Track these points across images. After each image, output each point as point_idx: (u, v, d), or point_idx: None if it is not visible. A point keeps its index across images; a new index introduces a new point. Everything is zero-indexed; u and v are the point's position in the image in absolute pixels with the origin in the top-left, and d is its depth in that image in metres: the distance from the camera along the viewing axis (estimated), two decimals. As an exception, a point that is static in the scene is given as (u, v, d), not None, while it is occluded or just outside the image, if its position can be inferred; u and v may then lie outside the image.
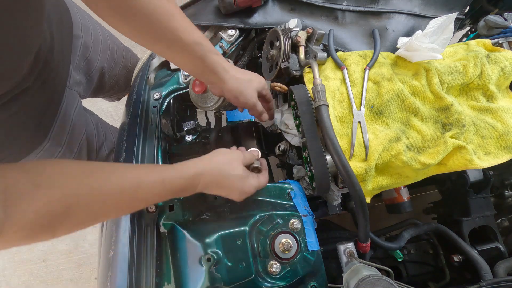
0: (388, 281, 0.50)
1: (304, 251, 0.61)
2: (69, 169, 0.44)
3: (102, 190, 0.45)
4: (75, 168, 0.45)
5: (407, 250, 0.85)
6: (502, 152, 0.68)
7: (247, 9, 0.82)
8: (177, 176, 0.53)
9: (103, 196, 0.45)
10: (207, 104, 0.77)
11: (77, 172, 0.44)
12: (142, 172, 0.50)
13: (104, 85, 0.98)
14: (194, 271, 0.58)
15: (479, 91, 0.75)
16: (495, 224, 0.82)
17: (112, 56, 0.95)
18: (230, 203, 0.66)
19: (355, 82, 0.71)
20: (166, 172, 0.52)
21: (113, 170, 0.48)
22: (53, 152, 0.75)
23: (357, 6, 0.84)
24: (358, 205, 0.59)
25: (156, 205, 0.63)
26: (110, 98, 1.17)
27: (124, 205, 0.49)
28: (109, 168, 0.48)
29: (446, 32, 0.70)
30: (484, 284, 0.64)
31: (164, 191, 0.51)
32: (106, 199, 0.45)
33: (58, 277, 1.63)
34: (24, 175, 0.40)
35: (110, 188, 0.46)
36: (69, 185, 0.43)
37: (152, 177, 0.50)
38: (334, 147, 0.58)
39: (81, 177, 0.44)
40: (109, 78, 0.98)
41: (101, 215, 0.48)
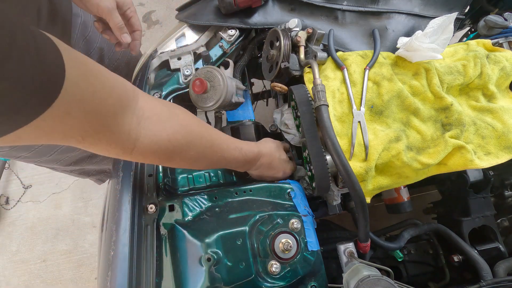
0: (388, 281, 0.50)
1: (304, 251, 0.61)
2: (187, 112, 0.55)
3: (211, 137, 0.56)
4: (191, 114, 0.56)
5: (407, 250, 0.85)
6: (502, 152, 0.68)
7: (247, 9, 0.82)
8: (248, 149, 0.64)
9: (211, 142, 0.56)
10: (207, 104, 0.77)
11: (192, 117, 0.55)
12: (229, 137, 0.62)
13: None
14: (194, 271, 0.57)
15: (479, 91, 0.75)
16: (495, 224, 0.82)
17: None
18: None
19: (355, 82, 0.71)
20: (242, 144, 0.64)
21: (211, 127, 0.59)
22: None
23: (357, 6, 0.84)
24: (358, 205, 0.59)
25: (156, 205, 0.63)
26: None
27: (216, 156, 0.58)
28: (207, 124, 0.59)
29: (446, 32, 0.70)
30: (484, 284, 0.64)
31: (240, 157, 0.62)
32: (212, 145, 0.56)
33: (58, 277, 1.63)
34: (156, 101, 0.50)
35: (215, 138, 0.57)
36: (195, 124, 0.54)
37: (235, 144, 0.62)
38: (334, 147, 0.58)
39: (201, 123, 0.56)
40: (109, 62, 0.97)
41: (203, 158, 0.57)
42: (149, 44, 2.10)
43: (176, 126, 0.50)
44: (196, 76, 0.76)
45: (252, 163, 0.66)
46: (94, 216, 1.74)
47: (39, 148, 0.77)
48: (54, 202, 1.79)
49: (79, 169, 1.06)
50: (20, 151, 0.75)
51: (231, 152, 0.60)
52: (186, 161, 0.55)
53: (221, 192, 0.67)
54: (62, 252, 1.68)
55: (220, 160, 0.60)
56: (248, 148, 0.64)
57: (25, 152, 0.77)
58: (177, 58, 0.82)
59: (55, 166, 0.95)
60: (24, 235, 1.74)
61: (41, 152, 0.79)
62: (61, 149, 0.82)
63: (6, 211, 1.79)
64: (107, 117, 0.39)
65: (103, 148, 0.42)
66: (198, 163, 0.59)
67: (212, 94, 0.75)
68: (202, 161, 0.58)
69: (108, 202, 0.67)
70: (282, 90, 0.74)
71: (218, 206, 0.66)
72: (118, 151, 0.44)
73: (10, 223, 1.77)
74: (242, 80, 0.88)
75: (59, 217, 1.75)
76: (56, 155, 0.84)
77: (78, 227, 1.72)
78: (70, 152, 0.86)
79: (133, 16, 0.73)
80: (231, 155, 0.61)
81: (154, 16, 2.26)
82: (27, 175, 1.85)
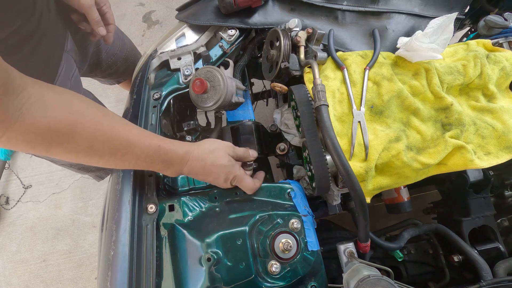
0: (388, 281, 0.50)
1: (304, 251, 0.61)
2: (89, 102, 0.50)
3: (108, 131, 0.50)
4: (93, 105, 0.50)
5: (407, 250, 0.85)
6: (502, 152, 0.68)
7: (247, 9, 0.82)
8: (171, 148, 0.57)
9: (106, 137, 0.49)
10: (207, 104, 0.77)
11: (93, 107, 0.50)
12: (145, 132, 0.55)
13: (101, 63, 0.99)
14: (194, 271, 0.58)
15: (479, 91, 0.75)
16: (495, 224, 0.82)
17: None
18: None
19: (355, 82, 0.71)
20: (163, 141, 0.57)
21: (123, 121, 0.53)
22: None
23: (357, 6, 0.84)
24: (358, 205, 0.59)
25: (156, 205, 0.63)
26: (109, 80, 1.18)
27: (118, 154, 0.52)
28: (119, 118, 0.53)
29: (446, 32, 0.70)
30: (484, 284, 0.64)
31: (156, 156, 0.55)
32: (108, 140, 0.50)
33: (58, 277, 1.63)
34: (48, 89, 0.46)
35: (115, 132, 0.51)
36: (92, 115, 0.48)
37: (151, 139, 0.55)
38: (334, 147, 0.58)
39: (105, 116, 0.50)
40: (107, 57, 0.99)
41: (95, 153, 0.50)
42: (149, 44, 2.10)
43: (63, 114, 0.46)
44: (196, 76, 0.76)
45: (175, 165, 0.59)
46: (94, 216, 1.74)
47: None
48: (54, 202, 1.79)
49: (78, 164, 1.07)
50: None
51: (142, 150, 0.53)
52: (72, 154, 0.49)
53: (221, 192, 0.68)
54: (62, 252, 1.68)
55: (126, 159, 0.53)
56: (169, 147, 0.57)
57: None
58: (177, 58, 0.82)
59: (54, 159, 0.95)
60: (24, 235, 1.74)
61: None
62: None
63: (6, 211, 1.79)
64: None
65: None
66: (90, 158, 0.51)
67: (212, 94, 0.75)
68: (98, 156, 0.51)
69: (108, 202, 0.67)
70: (282, 90, 0.74)
71: (218, 206, 0.66)
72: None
73: (10, 223, 1.77)
74: (242, 80, 0.88)
75: (59, 217, 1.75)
76: None
77: (78, 227, 1.72)
78: None
79: (108, 11, 0.77)
80: (142, 153, 0.54)
81: (154, 16, 2.26)
82: (27, 175, 1.85)
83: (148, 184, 0.67)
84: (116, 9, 2.31)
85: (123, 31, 1.14)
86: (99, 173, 1.22)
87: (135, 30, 2.23)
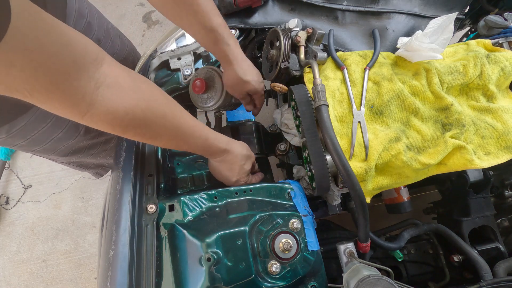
0: (388, 281, 0.50)
1: (304, 251, 0.61)
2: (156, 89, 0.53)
3: (175, 120, 0.55)
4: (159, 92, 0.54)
5: (407, 250, 0.85)
6: (502, 152, 0.68)
7: (247, 9, 0.82)
8: (216, 141, 0.64)
9: (173, 124, 0.55)
10: (207, 104, 0.77)
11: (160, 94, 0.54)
12: (198, 124, 0.61)
13: None
14: (194, 271, 0.58)
15: (479, 91, 0.75)
16: (495, 224, 0.82)
17: (108, 33, 0.95)
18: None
19: (355, 82, 0.71)
20: (210, 134, 0.64)
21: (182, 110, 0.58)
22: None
23: (357, 6, 0.84)
24: (358, 205, 0.59)
25: (156, 205, 0.63)
26: None
27: (176, 139, 0.58)
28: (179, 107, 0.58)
29: (446, 32, 0.70)
30: (484, 284, 0.64)
31: (203, 146, 0.63)
32: (173, 128, 0.55)
33: (58, 277, 1.63)
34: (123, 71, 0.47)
35: (180, 122, 0.56)
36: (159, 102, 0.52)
37: (203, 132, 0.62)
38: (334, 147, 0.58)
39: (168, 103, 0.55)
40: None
41: (161, 138, 0.56)
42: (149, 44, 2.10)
43: (138, 100, 0.48)
44: (196, 76, 0.76)
45: (214, 155, 0.67)
46: (94, 216, 1.74)
47: (35, 136, 0.78)
48: (54, 202, 1.79)
49: (77, 161, 1.07)
50: (16, 139, 0.76)
51: (194, 140, 0.60)
52: (142, 136, 0.53)
53: (221, 192, 0.67)
54: (62, 252, 1.68)
55: (180, 144, 0.60)
56: (215, 140, 0.64)
57: (21, 140, 0.77)
58: (177, 58, 0.82)
59: (52, 157, 0.95)
60: (24, 235, 1.74)
61: (37, 140, 0.80)
62: (58, 137, 0.82)
63: (6, 211, 1.79)
64: (57, 75, 0.38)
65: (53, 106, 0.41)
66: (155, 141, 0.58)
67: (212, 94, 0.75)
68: (160, 140, 0.57)
69: (108, 202, 0.67)
70: (282, 90, 0.74)
71: (218, 206, 0.66)
72: (68, 112, 0.43)
73: (10, 223, 1.77)
74: (242, 80, 0.88)
75: (59, 217, 1.75)
76: (52, 144, 0.84)
77: (78, 227, 1.72)
78: (67, 141, 0.86)
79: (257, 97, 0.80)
80: (193, 142, 0.61)
81: (154, 16, 2.26)
82: (27, 175, 1.85)
83: (148, 184, 0.67)
84: (116, 9, 2.31)
85: (123, 31, 1.13)
86: (98, 170, 1.22)
87: (135, 30, 2.23)
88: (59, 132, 0.81)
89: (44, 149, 0.85)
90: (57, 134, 0.81)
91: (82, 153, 0.98)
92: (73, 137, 0.86)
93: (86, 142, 0.93)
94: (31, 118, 0.72)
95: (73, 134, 0.85)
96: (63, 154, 0.93)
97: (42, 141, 0.81)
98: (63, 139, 0.84)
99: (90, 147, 0.98)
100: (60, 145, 0.87)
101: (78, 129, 0.86)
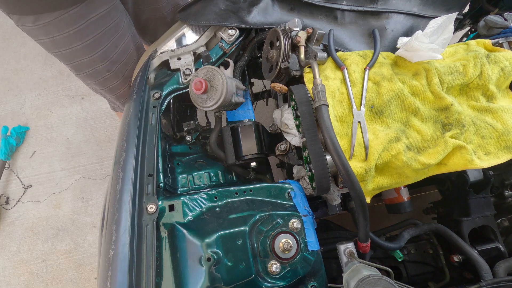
0: (388, 281, 0.50)
1: (304, 251, 0.61)
2: None
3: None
4: None
5: (407, 250, 0.85)
6: (502, 152, 0.68)
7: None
8: None
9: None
10: (207, 104, 0.77)
11: None
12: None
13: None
14: (194, 271, 0.58)
15: (479, 91, 0.75)
16: (495, 224, 0.82)
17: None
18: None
19: (355, 82, 0.71)
20: None
21: None
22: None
23: (356, 5, 0.84)
24: (358, 205, 0.59)
25: (156, 205, 0.63)
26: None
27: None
28: None
29: (446, 32, 0.70)
30: (484, 284, 0.64)
31: None
32: None
33: (58, 277, 1.63)
34: None
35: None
36: None
37: None
38: (334, 147, 0.58)
39: None
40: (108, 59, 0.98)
41: None
42: (149, 44, 2.09)
43: None
44: (196, 76, 0.76)
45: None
46: (94, 216, 1.74)
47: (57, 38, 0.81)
48: (54, 202, 1.79)
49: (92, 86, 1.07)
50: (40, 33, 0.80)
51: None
52: None
53: (221, 192, 0.67)
54: (62, 252, 1.68)
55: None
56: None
57: (44, 37, 0.81)
58: (177, 58, 0.82)
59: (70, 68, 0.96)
60: (24, 235, 1.74)
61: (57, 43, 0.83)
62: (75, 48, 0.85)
63: (6, 211, 1.79)
64: None
65: None
66: None
67: (212, 94, 0.75)
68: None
69: (108, 202, 0.67)
70: (282, 90, 0.74)
71: (218, 206, 0.66)
72: None
73: (10, 223, 1.77)
74: (242, 80, 0.88)
75: (59, 217, 1.75)
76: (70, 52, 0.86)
77: (78, 227, 1.72)
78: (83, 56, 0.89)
79: None
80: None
81: (154, 16, 2.26)
82: (27, 175, 1.85)
83: (148, 184, 0.67)
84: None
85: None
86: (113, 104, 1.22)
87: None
88: (79, 44, 0.84)
89: (62, 54, 0.88)
90: (77, 45, 0.84)
91: (97, 80, 0.99)
92: (89, 54, 0.88)
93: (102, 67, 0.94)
94: (56, 19, 0.76)
95: (90, 51, 0.87)
96: (78, 69, 0.94)
97: (62, 46, 0.84)
98: (81, 52, 0.87)
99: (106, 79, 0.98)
100: (77, 59, 0.89)
101: (95, 49, 0.88)
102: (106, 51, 0.89)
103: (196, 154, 0.83)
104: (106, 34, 0.87)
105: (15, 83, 2.06)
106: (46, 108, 1.98)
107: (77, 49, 0.85)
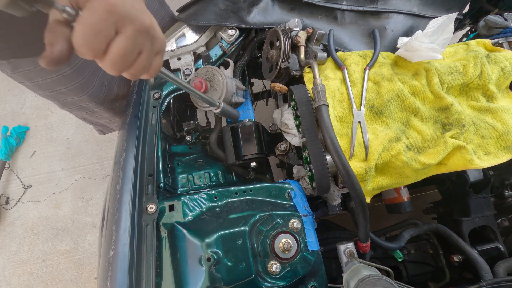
0: (388, 281, 0.50)
1: (304, 251, 0.61)
2: None
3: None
4: None
5: (407, 250, 0.85)
6: (502, 152, 0.68)
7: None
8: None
9: None
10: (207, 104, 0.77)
11: None
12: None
13: None
14: (194, 271, 0.58)
15: (479, 91, 0.75)
16: (495, 224, 0.82)
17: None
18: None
19: (355, 82, 0.71)
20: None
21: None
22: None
23: (356, 5, 0.84)
24: (358, 205, 0.59)
25: (156, 205, 0.63)
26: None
27: None
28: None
29: (446, 32, 0.70)
30: (484, 284, 0.64)
31: None
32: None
33: (58, 277, 1.63)
34: None
35: None
36: None
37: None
38: (334, 147, 0.58)
39: None
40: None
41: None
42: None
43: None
44: (196, 76, 0.76)
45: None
46: (94, 216, 1.74)
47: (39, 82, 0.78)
48: (54, 202, 1.79)
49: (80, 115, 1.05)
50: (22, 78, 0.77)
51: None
52: None
53: (221, 192, 0.68)
54: (62, 252, 1.68)
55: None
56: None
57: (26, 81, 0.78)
58: (177, 58, 0.82)
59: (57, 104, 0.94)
60: (24, 235, 1.74)
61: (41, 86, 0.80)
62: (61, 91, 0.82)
63: (6, 211, 1.79)
64: None
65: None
66: None
67: (212, 94, 0.75)
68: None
69: (108, 202, 0.67)
70: (282, 90, 0.74)
71: (218, 206, 0.66)
72: None
73: (10, 223, 1.77)
74: (242, 80, 0.88)
75: (59, 217, 1.75)
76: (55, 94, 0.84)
77: (78, 227, 1.72)
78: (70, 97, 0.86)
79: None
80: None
81: (154, 16, 2.26)
82: (27, 175, 1.85)
83: (148, 184, 0.67)
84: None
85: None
86: (101, 128, 1.21)
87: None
88: (64, 88, 0.81)
89: (48, 95, 0.86)
90: (61, 89, 0.82)
91: (85, 112, 0.98)
92: (78, 95, 0.86)
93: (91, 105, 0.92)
94: (38, 67, 0.72)
95: (78, 92, 0.84)
96: (66, 105, 0.93)
97: (46, 89, 0.82)
98: (68, 94, 0.85)
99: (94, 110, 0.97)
100: (63, 98, 0.87)
101: (83, 90, 0.84)
102: (94, 91, 0.86)
103: (196, 154, 0.83)
104: (93, 74, 0.83)
105: (15, 83, 2.06)
106: (46, 108, 1.98)
107: (62, 92, 0.83)
